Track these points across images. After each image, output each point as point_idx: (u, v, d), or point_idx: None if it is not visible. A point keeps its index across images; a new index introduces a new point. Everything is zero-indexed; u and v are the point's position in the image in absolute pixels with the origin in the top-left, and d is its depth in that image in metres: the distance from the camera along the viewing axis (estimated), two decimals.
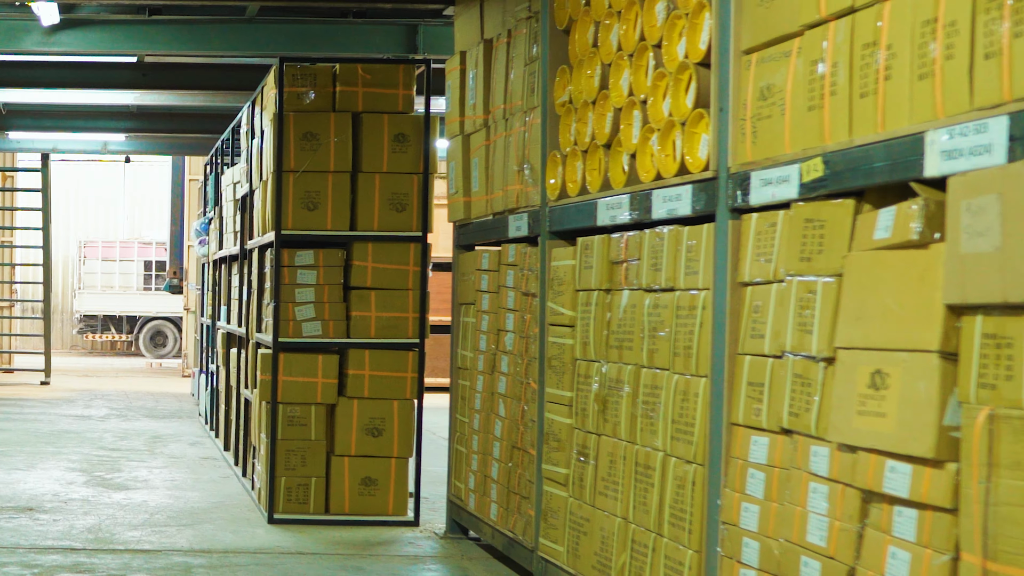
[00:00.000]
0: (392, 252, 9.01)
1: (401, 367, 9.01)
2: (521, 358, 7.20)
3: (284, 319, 8.96)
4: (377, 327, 9.00)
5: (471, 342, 8.21)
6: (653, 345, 5.51)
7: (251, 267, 10.57)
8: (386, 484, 9.01)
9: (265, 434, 9.15)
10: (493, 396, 7.70)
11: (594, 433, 6.09)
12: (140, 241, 32.82)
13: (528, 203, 7.07)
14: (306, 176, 8.96)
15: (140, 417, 16.36)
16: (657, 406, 5.45)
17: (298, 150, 8.97)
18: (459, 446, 8.43)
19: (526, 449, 7.09)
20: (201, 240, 15.24)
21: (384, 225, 9.00)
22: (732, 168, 4.88)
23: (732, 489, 4.82)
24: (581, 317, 6.28)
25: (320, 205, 8.96)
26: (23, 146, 18.66)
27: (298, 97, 9.03)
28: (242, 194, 11.31)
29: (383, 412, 9.00)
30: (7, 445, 13.04)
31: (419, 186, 9.03)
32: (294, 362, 8.97)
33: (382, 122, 8.99)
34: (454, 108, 8.38)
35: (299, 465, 8.99)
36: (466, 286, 8.38)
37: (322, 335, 8.99)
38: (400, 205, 9.01)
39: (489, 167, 7.77)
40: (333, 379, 8.98)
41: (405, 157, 9.02)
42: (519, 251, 7.30)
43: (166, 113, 16.51)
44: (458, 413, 8.49)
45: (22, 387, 20.99)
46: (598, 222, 6.12)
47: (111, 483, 10.64)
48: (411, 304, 9.03)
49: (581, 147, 6.39)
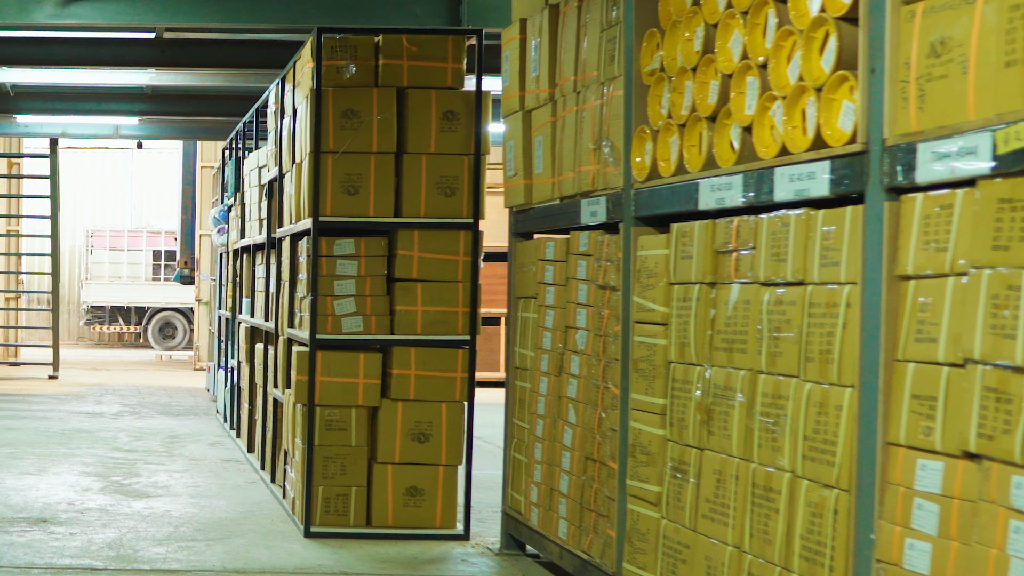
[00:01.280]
0: (440, 240, 8.24)
1: (450, 366, 8.24)
2: (597, 359, 6.43)
3: (322, 314, 8.19)
4: (424, 323, 8.23)
5: (532, 340, 7.44)
6: (775, 348, 4.74)
7: (280, 257, 9.80)
8: (433, 494, 8.24)
9: (301, 439, 8.39)
10: (561, 400, 6.94)
11: (695, 447, 5.32)
12: (149, 230, 32.06)
13: (607, 185, 6.30)
14: (346, 157, 8.18)
15: (154, 414, 15.61)
16: (781, 419, 4.68)
17: (337, 129, 8.19)
18: (517, 454, 7.66)
19: (604, 461, 6.32)
20: (220, 228, 14.46)
21: (432, 211, 8.23)
22: (889, 140, 4.10)
23: (890, 521, 4.05)
24: (677, 314, 5.50)
25: (361, 189, 8.19)
26: (31, 130, 17.86)
27: (337, 71, 8.25)
28: (269, 179, 10.54)
29: (430, 416, 8.23)
30: (16, 446, 12.28)
31: (470, 168, 8.25)
32: (333, 361, 8.21)
33: (429, 98, 8.22)
34: (512, 82, 7.60)
35: (338, 473, 8.23)
36: (525, 278, 7.60)
37: (363, 331, 8.22)
38: (449, 189, 8.24)
39: (556, 146, 7.00)
40: (376, 379, 8.21)
41: (455, 136, 8.25)
42: (594, 239, 6.52)
43: (182, 95, 15.71)
44: (515, 418, 7.72)
45: (29, 381, 20.23)
46: (699, 206, 5.35)
47: (130, 490, 9.88)
48: (461, 297, 8.26)
49: (677, 120, 5.61)
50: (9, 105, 15.81)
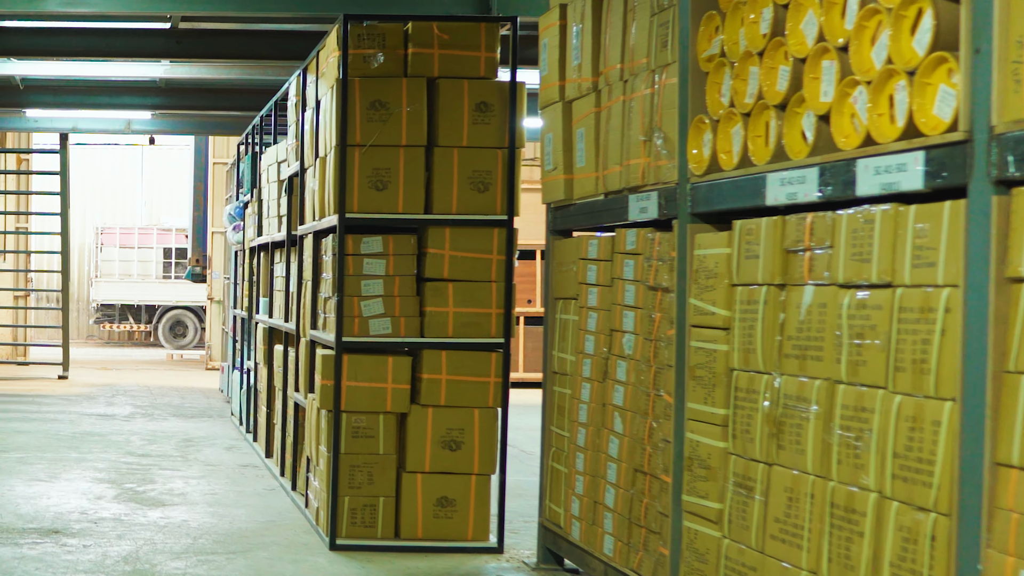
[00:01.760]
0: (473, 238, 7.84)
1: (483, 370, 7.84)
2: (647, 365, 6.03)
3: (349, 315, 7.79)
4: (455, 325, 7.83)
5: (572, 343, 7.04)
6: (857, 356, 4.34)
7: (302, 255, 9.40)
8: (465, 505, 7.85)
9: (325, 447, 7.99)
10: (605, 408, 6.53)
11: (763, 462, 4.91)
12: (159, 227, 31.68)
13: (659, 179, 5.89)
14: (374, 151, 7.79)
15: (167, 416, 15.21)
16: (865, 434, 4.27)
17: (365, 121, 7.79)
18: (555, 463, 7.26)
19: (656, 475, 5.92)
20: (235, 226, 14.06)
21: (464, 207, 7.83)
22: (997, 127, 3.70)
23: (1001, 551, 3.65)
24: (741, 318, 5.10)
25: (390, 184, 7.79)
26: (41, 125, 17.44)
27: (364, 60, 7.85)
28: (289, 174, 10.15)
29: (462, 422, 7.84)
30: (26, 450, 11.90)
31: (504, 162, 7.86)
32: (360, 365, 7.81)
33: (461, 89, 7.82)
34: (551, 71, 7.20)
35: (365, 483, 7.83)
36: (564, 278, 7.20)
37: (392, 334, 7.82)
38: (482, 184, 7.84)
39: (601, 138, 6.59)
40: (405, 384, 7.81)
41: (488, 129, 7.85)
42: (643, 237, 6.12)
43: (197, 88, 15.29)
44: (553, 425, 7.32)
45: (39, 382, 19.85)
46: (767, 201, 4.95)
47: (145, 497, 9.49)
48: (494, 298, 7.86)
49: (740, 109, 5.20)
50: (18, 99, 15.40)
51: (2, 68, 13.32)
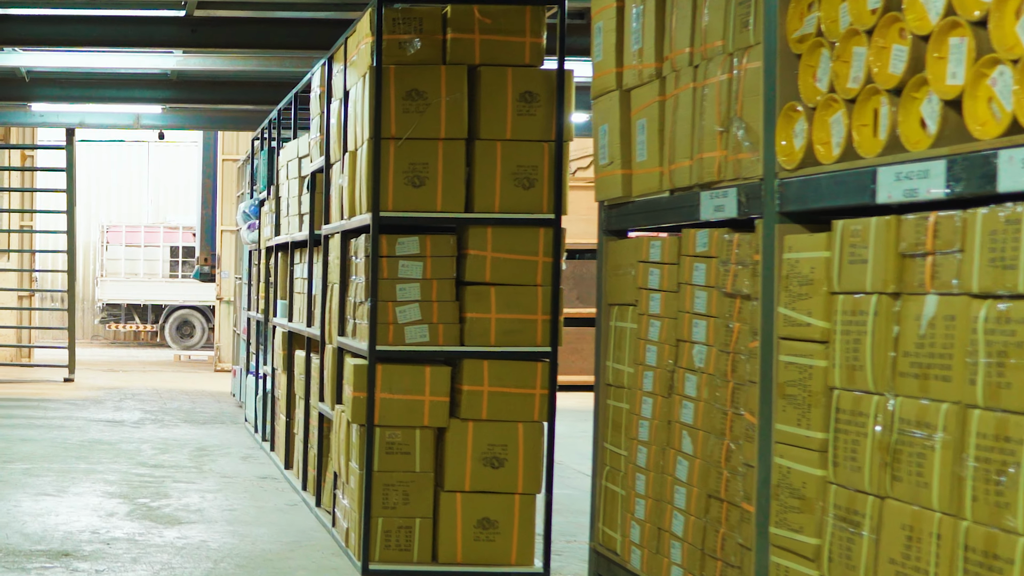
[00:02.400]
0: (517, 239, 7.27)
1: (527, 382, 7.26)
2: (723, 380, 5.44)
3: (383, 322, 7.21)
4: (498, 332, 7.25)
5: (630, 353, 6.45)
6: (998, 377, 3.74)
7: (327, 256, 8.82)
8: (508, 527, 7.26)
9: (357, 463, 7.41)
10: (671, 426, 5.95)
11: (873, 494, 4.32)
12: (166, 226, 31.10)
13: (739, 174, 5.30)
14: (410, 144, 7.21)
15: (178, 422, 14.64)
16: (1010, 467, 3.68)
17: (400, 112, 7.21)
18: (610, 484, 6.67)
19: (735, 502, 5.33)
20: (250, 224, 13.48)
21: (507, 205, 7.25)
22: None
23: None
24: (844, 330, 4.51)
25: (428, 180, 7.21)
26: (47, 120, 16.85)
27: (400, 46, 7.27)
28: (312, 170, 9.57)
29: (505, 438, 7.26)
30: (32, 460, 11.32)
31: (551, 157, 7.27)
32: (395, 375, 7.23)
33: (505, 77, 7.25)
34: (607, 57, 6.60)
35: (400, 503, 7.25)
36: (620, 282, 6.61)
37: (429, 342, 7.24)
38: (527, 180, 7.26)
39: (666, 130, 6.00)
40: (443, 396, 7.24)
41: (533, 121, 7.27)
42: (717, 238, 5.53)
43: (210, 81, 14.70)
44: (607, 442, 6.72)
45: (44, 384, 19.27)
46: (878, 198, 4.35)
47: (159, 514, 8.90)
48: (540, 303, 7.28)
49: (842, 95, 4.61)
50: (24, 92, 14.81)
51: (7, 59, 12.75)
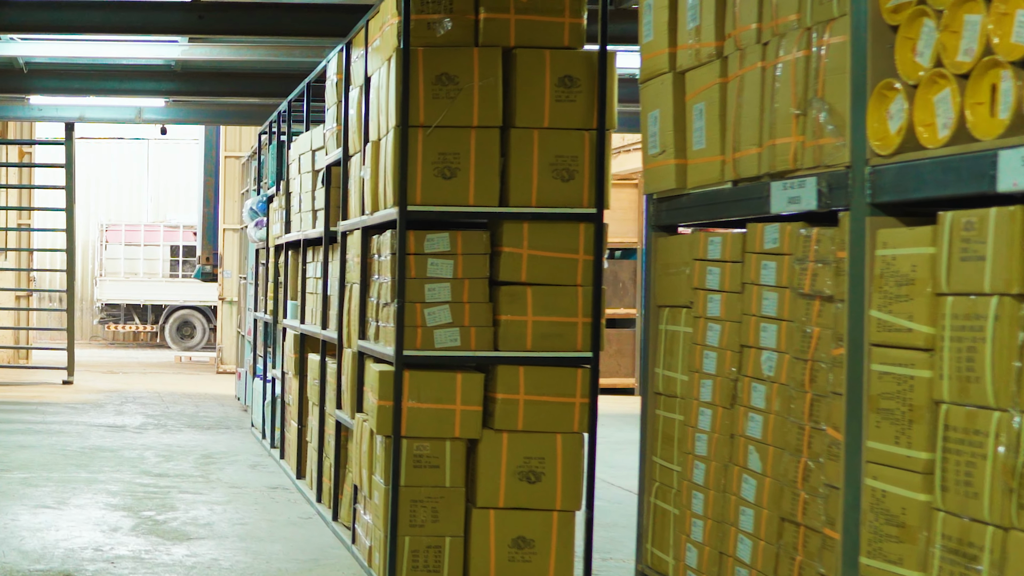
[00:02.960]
0: (555, 235, 6.73)
1: (567, 389, 6.72)
2: (799, 390, 4.90)
3: (410, 325, 6.67)
4: (535, 336, 6.72)
5: (684, 360, 5.90)
6: None
7: (345, 254, 8.28)
8: (545, 546, 6.72)
9: (382, 477, 6.86)
10: (735, 440, 5.40)
11: (994, 524, 3.78)
12: (166, 225, 30.53)
13: (820, 162, 4.75)
14: (440, 133, 6.67)
15: (182, 427, 14.08)
16: None
17: (430, 98, 6.67)
18: (659, 501, 6.13)
19: (815, 527, 4.78)
20: (258, 222, 12.93)
21: (545, 199, 6.72)
22: None
23: None
24: (955, 336, 3.96)
25: (459, 172, 6.68)
26: (45, 114, 16.29)
27: (428, 27, 6.73)
28: (328, 163, 9.03)
29: (542, 450, 6.72)
30: (31, 469, 10.77)
31: (592, 146, 6.74)
32: (424, 383, 6.68)
33: (542, 60, 6.71)
34: (658, 37, 6.06)
35: (429, 521, 6.71)
36: (672, 283, 6.06)
37: (460, 346, 6.70)
38: (566, 172, 6.72)
39: (729, 114, 5.46)
40: (476, 406, 6.69)
41: (573, 108, 6.73)
42: (791, 233, 4.98)
43: (215, 72, 14.14)
44: (657, 456, 6.17)
45: (42, 387, 18.71)
46: (999, 186, 3.80)
47: (166, 529, 8.36)
48: (580, 305, 6.74)
49: (952, 70, 4.06)
50: (22, 84, 14.25)
51: (5, 49, 12.20)
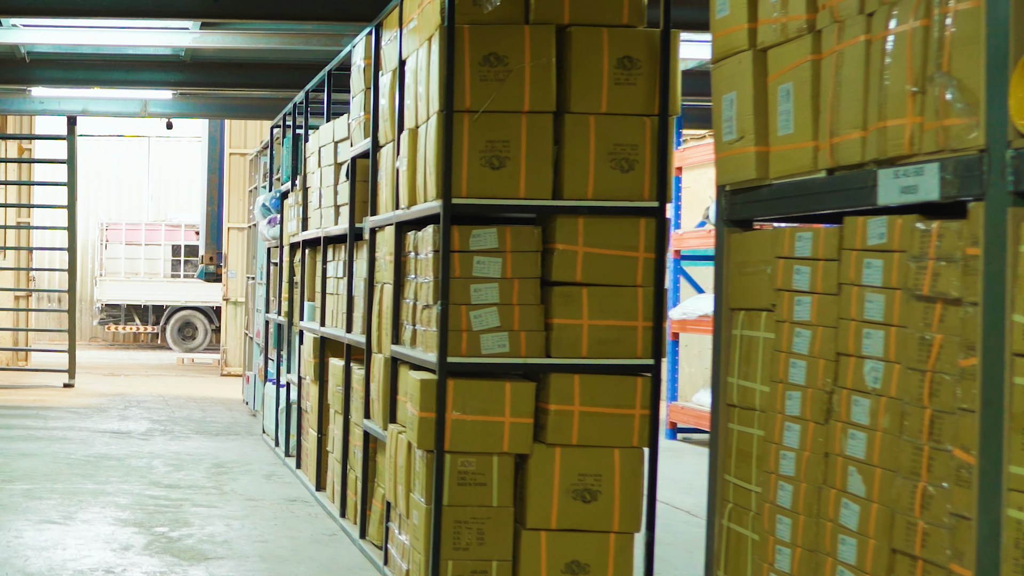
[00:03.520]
0: (613, 231, 6.15)
1: (626, 400, 6.15)
2: (915, 405, 4.31)
3: (455, 329, 6.10)
4: (591, 341, 6.14)
5: (763, 368, 5.31)
6: None
7: (375, 252, 7.70)
8: (601, 571, 6.14)
9: (422, 495, 6.28)
10: (830, 460, 4.81)
11: None
12: (168, 224, 29.91)
13: (945, 145, 4.16)
14: (488, 119, 6.10)
15: (189, 433, 13.50)
16: None
17: (476, 80, 6.10)
18: (734, 524, 5.54)
19: (939, 563, 4.19)
20: (271, 219, 12.35)
21: (602, 191, 6.14)
22: None
23: None
24: None
25: (509, 161, 6.10)
26: (47, 107, 15.68)
27: (475, 3, 6.14)
28: (353, 155, 8.45)
29: (598, 466, 6.14)
30: (34, 479, 10.18)
31: (653, 134, 6.16)
32: (470, 392, 6.11)
33: (600, 39, 6.14)
34: (735, 11, 5.46)
35: (474, 543, 6.13)
36: (748, 283, 5.48)
37: (510, 353, 6.12)
38: (626, 162, 6.14)
39: (823, 95, 4.87)
40: (527, 418, 6.12)
41: (633, 91, 6.15)
42: (902, 227, 4.40)
43: (226, 63, 13.53)
44: (731, 474, 5.59)
45: (43, 390, 18.11)
46: None
47: (181, 547, 7.78)
48: (640, 307, 6.16)
49: None
50: (24, 74, 13.65)
51: (6, 36, 11.60)
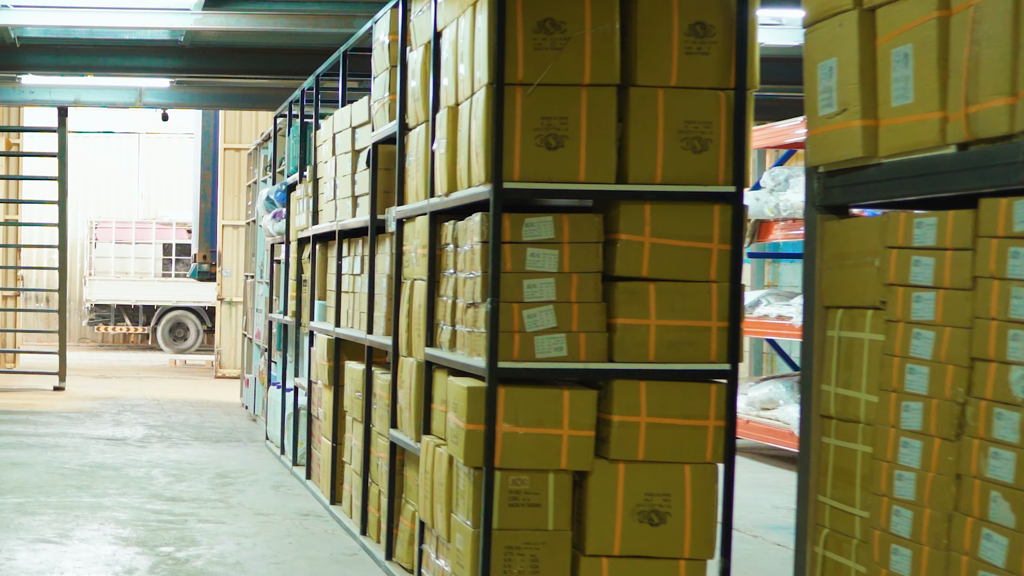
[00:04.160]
0: (684, 219, 5.47)
1: (698, 410, 5.47)
2: None
3: (506, 330, 5.40)
4: (659, 344, 5.45)
5: (870, 375, 4.63)
6: None
7: (402, 246, 7.01)
8: None
9: (467, 517, 5.58)
10: (963, 483, 4.13)
11: None
12: (158, 222, 29.18)
13: None
14: (544, 93, 5.41)
15: (188, 440, 12.78)
16: None
17: (530, 49, 5.41)
18: (832, 553, 4.85)
19: None
20: (275, 213, 11.64)
21: (672, 174, 5.46)
22: None
23: None
24: None
25: (567, 140, 5.41)
26: (38, 97, 14.94)
27: None
28: (375, 140, 7.76)
29: (667, 484, 5.45)
30: (26, 491, 9.47)
31: (729, 109, 5.48)
32: (523, 401, 5.41)
33: (668, 3, 5.46)
34: None
35: (528, 571, 5.43)
36: (850, 277, 4.80)
37: (568, 356, 5.44)
38: (698, 141, 5.46)
39: (954, 58, 4.19)
40: (587, 430, 5.42)
41: (707, 62, 5.48)
42: None
43: (228, 48, 12.79)
44: (826, 495, 4.90)
45: (32, 394, 17.37)
46: None
47: (190, 571, 7.07)
48: (715, 305, 5.48)
49: None
50: (14, 60, 12.89)
51: None
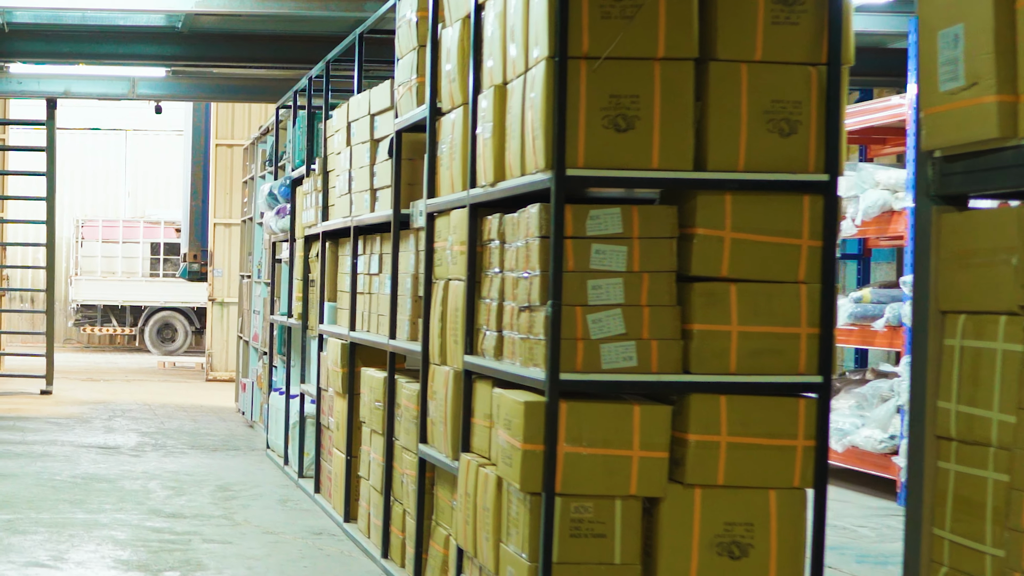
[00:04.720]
0: (771, 211, 4.84)
1: (785, 429, 4.83)
2: None
3: (568, 337, 4.76)
4: (741, 353, 4.81)
5: (1001, 392, 4.00)
6: None
7: (433, 243, 6.37)
8: None
9: (523, 550, 4.93)
10: None
11: None
12: (146, 221, 28.46)
13: None
14: (612, 68, 4.77)
15: (185, 448, 12.11)
16: None
17: (597, 18, 4.77)
18: None
19: None
20: (279, 210, 10.98)
21: (756, 160, 4.83)
22: None
23: None
24: None
25: (638, 122, 4.77)
26: (26, 88, 14.24)
27: None
28: (400, 127, 7.11)
29: (750, 512, 4.81)
30: (15, 507, 8.79)
31: (821, 87, 4.85)
32: (587, 418, 4.77)
33: None
34: None
35: None
36: (975, 278, 4.16)
37: (638, 367, 4.79)
38: (787, 123, 4.83)
39: None
40: (661, 451, 4.78)
41: (796, 33, 4.84)
42: None
43: (227, 34, 12.11)
44: (945, 529, 4.26)
45: (18, 397, 16.68)
46: None
47: None
48: (804, 309, 4.84)
49: None
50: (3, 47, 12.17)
51: None
